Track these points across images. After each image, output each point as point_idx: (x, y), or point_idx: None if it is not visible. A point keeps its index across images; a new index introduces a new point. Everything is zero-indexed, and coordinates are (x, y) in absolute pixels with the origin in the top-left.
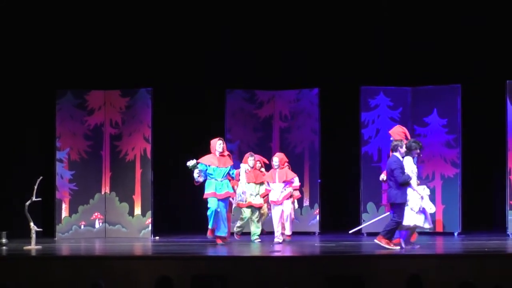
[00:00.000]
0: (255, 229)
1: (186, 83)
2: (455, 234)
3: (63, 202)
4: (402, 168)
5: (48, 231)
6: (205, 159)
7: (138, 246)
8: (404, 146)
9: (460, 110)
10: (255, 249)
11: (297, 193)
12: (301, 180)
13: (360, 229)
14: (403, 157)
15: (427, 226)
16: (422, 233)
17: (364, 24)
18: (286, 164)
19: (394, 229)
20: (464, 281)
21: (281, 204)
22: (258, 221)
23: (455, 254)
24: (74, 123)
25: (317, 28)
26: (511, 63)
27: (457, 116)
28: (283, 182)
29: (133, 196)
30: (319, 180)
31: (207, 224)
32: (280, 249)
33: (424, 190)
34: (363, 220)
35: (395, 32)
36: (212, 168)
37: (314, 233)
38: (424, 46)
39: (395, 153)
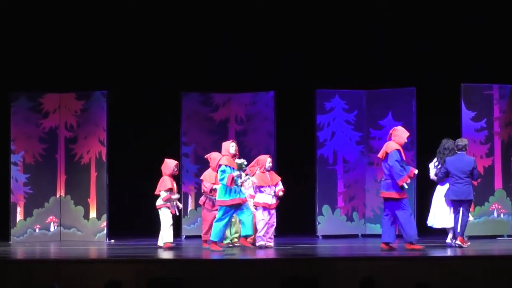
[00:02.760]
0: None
1: (142, 86)
2: None
3: (18, 206)
4: None
5: (2, 235)
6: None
7: (93, 249)
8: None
9: (415, 113)
10: (211, 252)
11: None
12: None
13: (316, 231)
14: None
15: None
16: (378, 235)
17: (319, 27)
18: None
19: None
20: (420, 283)
21: (274, 208)
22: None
23: (411, 257)
24: (29, 126)
25: (272, 30)
26: (466, 67)
27: (412, 119)
28: (274, 185)
29: (88, 199)
30: None
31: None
32: (236, 252)
33: None
34: (319, 223)
35: (350, 35)
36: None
37: None
38: (379, 49)
39: (464, 152)
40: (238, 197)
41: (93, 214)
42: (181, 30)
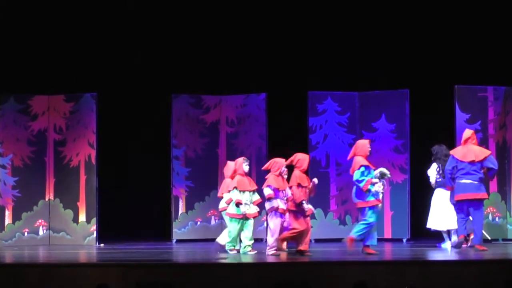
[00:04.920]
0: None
1: (131, 88)
2: (404, 240)
3: (6, 209)
4: None
5: None
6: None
7: (82, 253)
8: None
9: (409, 115)
10: (201, 255)
11: None
12: None
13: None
14: None
15: None
16: None
17: (311, 28)
18: None
19: None
20: (412, 286)
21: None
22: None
23: (403, 261)
24: (17, 128)
25: (264, 32)
26: (460, 68)
27: (406, 122)
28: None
29: (78, 203)
30: None
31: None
32: (226, 256)
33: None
34: (311, 227)
35: (342, 37)
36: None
37: (262, 239)
38: (372, 50)
39: None
40: (376, 199)
41: (82, 217)
42: (171, 31)
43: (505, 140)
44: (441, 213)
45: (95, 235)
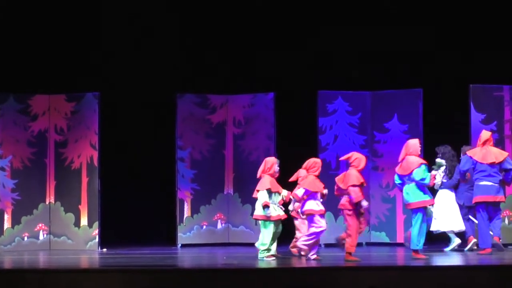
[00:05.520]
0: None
1: (135, 87)
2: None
3: (5, 213)
4: None
5: None
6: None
7: (84, 258)
8: None
9: (422, 116)
10: (206, 260)
11: None
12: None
13: None
14: None
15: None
16: (383, 244)
17: (321, 25)
18: None
19: None
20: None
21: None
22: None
23: (416, 267)
24: (17, 129)
25: (272, 29)
26: (475, 67)
27: (419, 122)
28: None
29: (79, 206)
30: None
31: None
32: (236, 262)
33: None
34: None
35: (354, 34)
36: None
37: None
38: (384, 48)
39: None
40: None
41: (84, 221)
42: (176, 29)
43: None
44: (447, 215)
45: (97, 239)
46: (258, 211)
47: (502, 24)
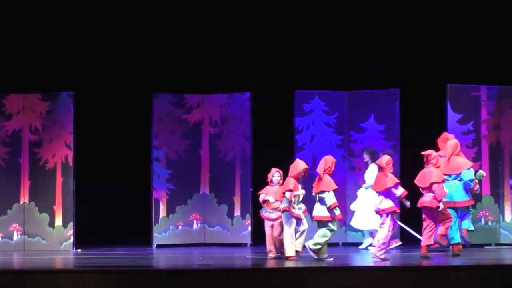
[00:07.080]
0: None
1: (110, 86)
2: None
3: None
4: None
5: None
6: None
7: (59, 259)
8: None
9: (399, 116)
10: (182, 261)
11: None
12: (232, 189)
13: None
14: None
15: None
16: (360, 244)
17: (298, 24)
18: None
19: None
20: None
21: None
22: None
23: (393, 267)
24: None
25: (248, 28)
26: (452, 67)
27: (395, 122)
28: None
29: (54, 206)
30: (251, 189)
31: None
32: (212, 262)
33: None
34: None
35: (331, 33)
36: None
37: (245, 244)
38: (361, 48)
39: None
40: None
41: (58, 221)
42: (152, 27)
43: (498, 141)
44: (366, 213)
45: (72, 240)
46: (321, 211)
47: (479, 24)
